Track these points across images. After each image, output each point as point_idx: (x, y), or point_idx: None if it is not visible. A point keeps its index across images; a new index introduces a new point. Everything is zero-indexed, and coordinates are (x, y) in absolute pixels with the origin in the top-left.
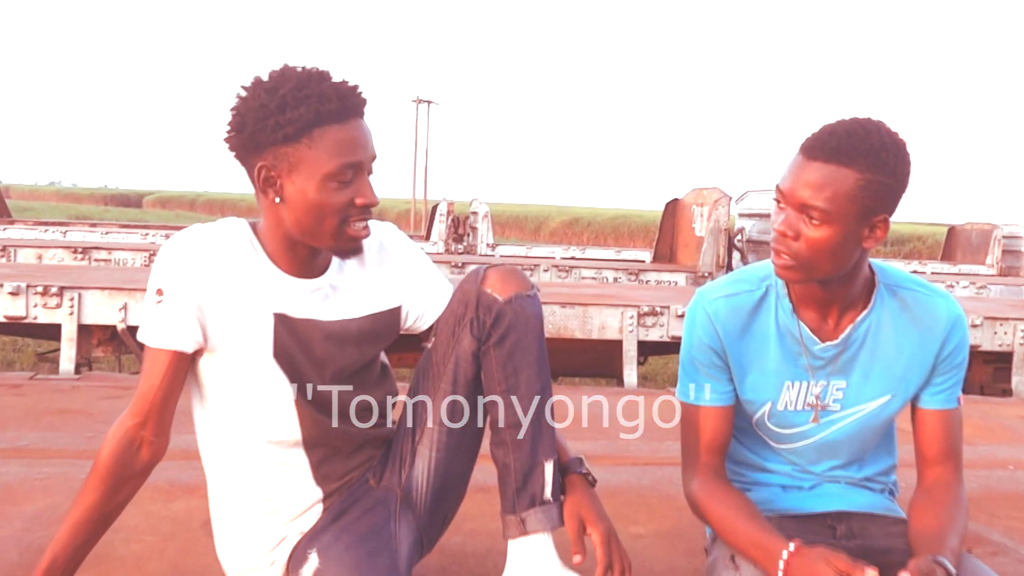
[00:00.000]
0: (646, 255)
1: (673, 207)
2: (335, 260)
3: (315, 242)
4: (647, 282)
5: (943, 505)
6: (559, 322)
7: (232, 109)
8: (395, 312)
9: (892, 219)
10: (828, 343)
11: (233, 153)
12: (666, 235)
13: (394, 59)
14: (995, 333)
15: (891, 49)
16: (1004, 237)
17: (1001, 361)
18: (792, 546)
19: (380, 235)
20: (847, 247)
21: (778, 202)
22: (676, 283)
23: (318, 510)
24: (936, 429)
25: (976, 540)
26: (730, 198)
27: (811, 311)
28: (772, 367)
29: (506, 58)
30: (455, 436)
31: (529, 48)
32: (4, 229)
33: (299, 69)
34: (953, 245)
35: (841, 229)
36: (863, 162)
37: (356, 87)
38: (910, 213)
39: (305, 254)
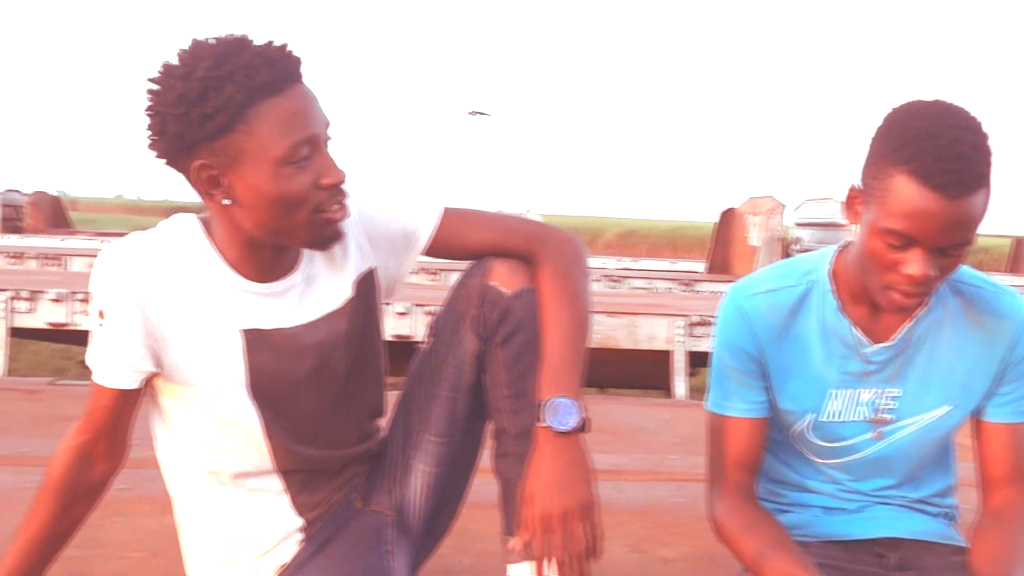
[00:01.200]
0: (701, 266)
1: (727, 217)
2: (305, 250)
3: (288, 241)
4: (700, 292)
5: (1011, 533)
6: (605, 332)
7: (147, 110)
8: (369, 276)
9: None
10: (881, 345)
11: (163, 160)
12: (720, 245)
13: (448, 72)
14: None
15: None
16: None
17: None
18: None
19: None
20: None
21: (898, 247)
22: None
23: (296, 539)
24: (1003, 445)
25: None
26: (785, 207)
27: (861, 309)
28: (815, 373)
29: (561, 69)
30: (454, 448)
31: (584, 58)
32: (63, 239)
33: (211, 42)
34: (1019, 256)
35: (971, 246)
36: (987, 175)
37: (284, 47)
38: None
39: (270, 253)
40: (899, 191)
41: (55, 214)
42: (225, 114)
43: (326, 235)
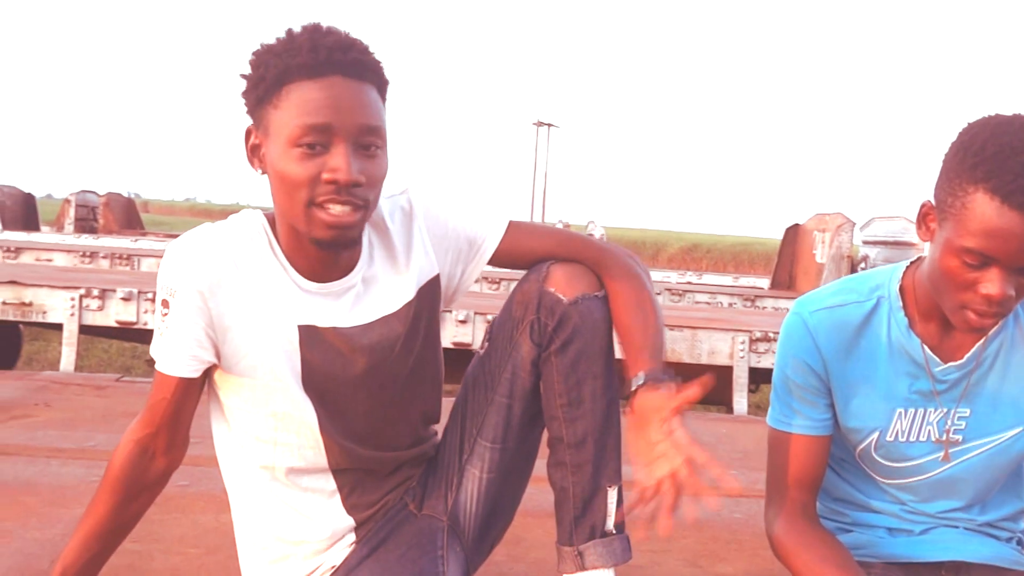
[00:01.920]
0: (765, 282)
1: (793, 233)
2: (365, 250)
3: (296, 225)
4: (763, 308)
5: None
6: (666, 345)
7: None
8: (434, 283)
9: None
10: (951, 364)
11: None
12: (785, 261)
13: (515, 83)
14: None
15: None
16: None
17: None
18: None
19: (398, 202)
20: None
21: (975, 266)
22: None
23: (350, 540)
24: None
25: None
26: (854, 224)
27: (931, 327)
28: (882, 391)
29: (626, 81)
30: (508, 455)
31: (649, 71)
32: (135, 240)
33: (304, 26)
34: None
35: None
36: None
37: (344, 40)
38: None
39: (314, 249)
40: (978, 209)
41: (128, 215)
42: (264, 85)
43: (323, 236)
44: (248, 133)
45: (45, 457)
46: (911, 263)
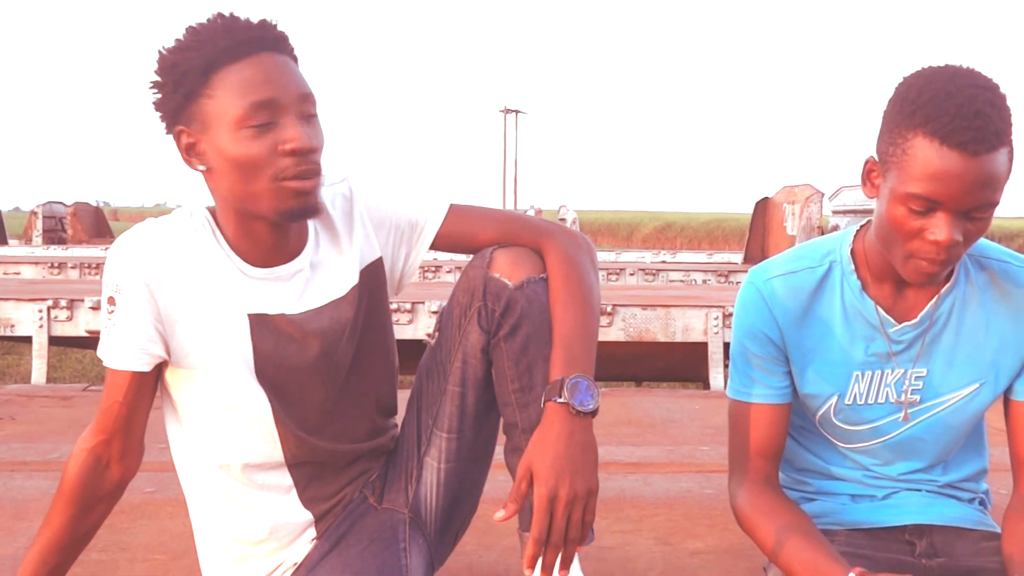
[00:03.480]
0: (739, 258)
1: (763, 206)
2: (311, 235)
3: (257, 209)
4: (737, 283)
5: None
6: (640, 325)
7: (150, 88)
8: (377, 266)
9: (1002, 214)
10: (905, 324)
11: (168, 135)
12: (757, 235)
13: (481, 71)
14: None
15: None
16: None
17: None
18: (853, 575)
19: (339, 189)
20: None
21: (920, 212)
22: None
23: (311, 536)
24: None
25: None
26: (822, 195)
27: (884, 288)
28: (838, 355)
29: (593, 65)
30: (466, 444)
31: (615, 54)
32: (105, 249)
33: (205, 20)
34: None
35: (995, 209)
36: (1007, 132)
37: (259, 21)
38: (1020, 206)
39: (265, 233)
40: (919, 153)
41: (97, 224)
42: (190, 79)
43: (293, 206)
44: (179, 135)
45: (8, 471)
46: (861, 226)
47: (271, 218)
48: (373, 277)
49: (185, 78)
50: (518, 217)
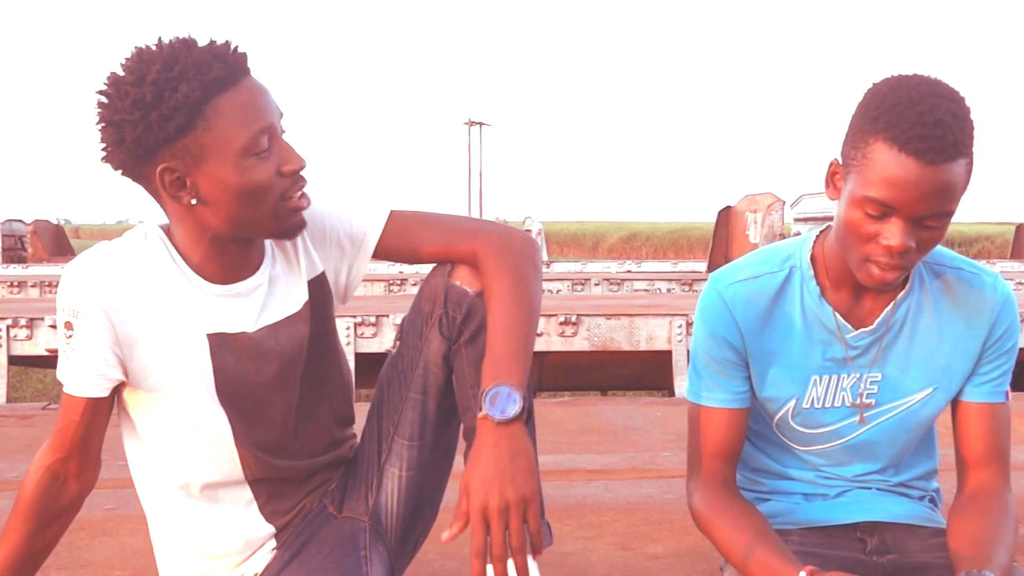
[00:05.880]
0: (704, 266)
1: (726, 215)
2: (268, 250)
3: (257, 233)
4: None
5: (988, 514)
6: (604, 334)
7: (99, 122)
8: (321, 280)
9: (961, 219)
10: (862, 330)
11: (120, 171)
12: (720, 243)
13: (445, 83)
14: None
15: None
16: None
17: None
18: (803, 574)
19: None
20: None
21: (876, 216)
22: None
23: (271, 546)
24: (980, 425)
25: None
26: (784, 203)
27: (842, 294)
28: (796, 359)
29: (556, 77)
30: (427, 451)
31: (579, 65)
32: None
33: (155, 48)
34: (1022, 242)
35: (950, 219)
36: (967, 144)
37: (228, 43)
38: (978, 212)
39: (236, 252)
40: (878, 158)
41: (57, 242)
42: (182, 113)
43: (293, 223)
44: (163, 172)
45: None
46: (820, 232)
47: (271, 238)
48: (319, 291)
49: (177, 112)
50: (458, 225)
